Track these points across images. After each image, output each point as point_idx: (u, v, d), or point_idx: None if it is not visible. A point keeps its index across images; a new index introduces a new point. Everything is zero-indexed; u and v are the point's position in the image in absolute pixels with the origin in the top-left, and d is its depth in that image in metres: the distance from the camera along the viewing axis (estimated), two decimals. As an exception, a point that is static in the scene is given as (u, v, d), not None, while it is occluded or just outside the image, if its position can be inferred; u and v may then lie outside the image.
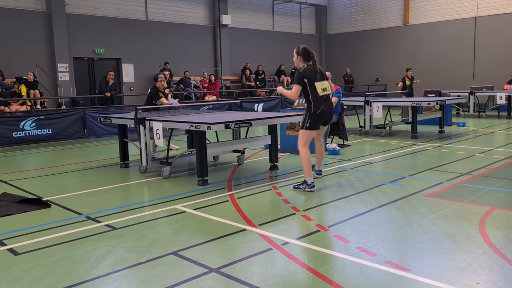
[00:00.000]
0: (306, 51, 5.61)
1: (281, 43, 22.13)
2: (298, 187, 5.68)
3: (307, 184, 5.61)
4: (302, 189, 5.63)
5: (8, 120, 11.11)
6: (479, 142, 9.53)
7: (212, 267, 3.41)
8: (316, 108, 5.59)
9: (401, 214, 4.63)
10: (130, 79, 17.17)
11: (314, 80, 5.57)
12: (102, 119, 8.05)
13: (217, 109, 13.68)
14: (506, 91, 14.76)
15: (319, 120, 5.67)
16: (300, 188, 5.65)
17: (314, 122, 5.63)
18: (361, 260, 3.46)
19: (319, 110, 5.59)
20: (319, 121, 5.68)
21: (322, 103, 5.61)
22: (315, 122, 5.64)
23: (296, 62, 5.69)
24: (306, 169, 5.61)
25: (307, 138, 5.68)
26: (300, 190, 5.63)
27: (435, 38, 20.21)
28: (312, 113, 5.60)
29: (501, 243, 3.74)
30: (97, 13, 16.12)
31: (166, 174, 6.67)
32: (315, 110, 5.59)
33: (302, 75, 5.55)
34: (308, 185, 5.60)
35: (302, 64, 5.62)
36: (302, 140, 5.66)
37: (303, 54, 5.61)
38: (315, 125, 5.65)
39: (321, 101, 5.60)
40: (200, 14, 19.29)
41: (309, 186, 5.59)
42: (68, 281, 3.24)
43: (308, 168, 5.60)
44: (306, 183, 5.62)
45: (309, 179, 5.60)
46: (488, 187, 5.60)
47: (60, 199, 5.61)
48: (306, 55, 5.60)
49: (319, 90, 5.58)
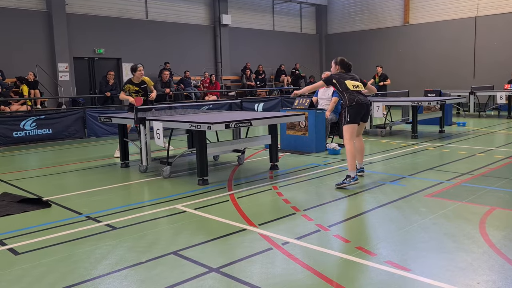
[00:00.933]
0: (344, 62, 5.93)
1: (282, 43, 22.14)
2: (343, 183, 5.69)
3: (351, 178, 5.67)
4: (347, 183, 5.67)
5: (8, 119, 11.11)
6: (480, 142, 9.53)
7: (212, 266, 3.41)
8: (351, 101, 5.74)
9: (401, 213, 4.63)
10: (130, 79, 17.14)
11: (344, 79, 5.80)
12: (102, 119, 8.05)
13: (217, 109, 13.68)
14: (506, 91, 14.76)
15: (357, 112, 5.77)
16: (345, 183, 5.68)
17: (354, 115, 5.76)
18: (361, 260, 3.46)
19: (354, 102, 5.73)
20: (358, 112, 5.78)
21: (355, 95, 5.76)
22: (355, 115, 5.76)
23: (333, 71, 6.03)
24: (350, 163, 5.71)
25: (351, 132, 5.80)
26: (345, 185, 5.66)
27: (435, 37, 20.20)
28: (349, 106, 5.75)
29: (501, 242, 3.74)
30: (97, 13, 16.12)
31: (166, 174, 6.67)
32: (351, 103, 5.73)
33: (331, 77, 5.88)
34: (352, 178, 5.67)
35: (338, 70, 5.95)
36: (347, 135, 5.80)
37: (340, 64, 5.92)
38: (355, 118, 5.78)
39: (354, 93, 5.76)
40: (200, 14, 19.29)
41: (353, 179, 5.68)
42: (69, 280, 3.24)
43: (352, 162, 5.70)
44: (350, 177, 5.68)
45: (352, 173, 5.68)
46: (489, 187, 5.60)
47: (60, 199, 5.61)
48: (344, 66, 5.91)
49: (350, 86, 5.77)
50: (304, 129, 8.64)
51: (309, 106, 8.69)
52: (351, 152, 5.73)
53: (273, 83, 20.78)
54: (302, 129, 8.67)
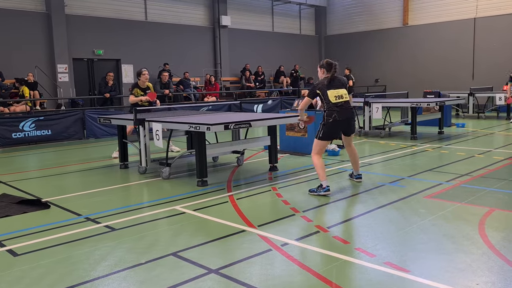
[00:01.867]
0: (328, 62, 5.74)
1: (281, 44, 22.15)
2: (314, 191, 5.60)
3: (322, 188, 5.55)
4: (317, 192, 5.55)
5: (7, 121, 11.11)
6: (479, 143, 9.54)
7: (211, 268, 3.41)
8: (328, 117, 5.57)
9: (401, 215, 4.63)
10: (130, 80, 17.16)
11: (327, 89, 5.59)
12: (101, 120, 8.05)
13: (216, 110, 13.69)
14: (505, 92, 14.77)
15: (333, 129, 5.62)
16: (315, 191, 5.57)
17: (327, 132, 5.59)
18: (361, 261, 3.46)
19: (331, 119, 5.56)
20: (333, 130, 5.64)
21: (334, 111, 5.56)
22: (329, 131, 5.60)
23: (319, 75, 5.80)
24: (320, 174, 5.59)
25: (320, 148, 5.66)
26: (315, 194, 5.54)
27: (435, 39, 20.23)
28: (325, 122, 5.59)
29: (501, 244, 3.74)
30: (96, 14, 16.13)
31: (165, 175, 6.67)
32: (328, 119, 5.57)
33: (314, 88, 5.69)
34: (323, 188, 5.52)
35: (325, 75, 5.70)
36: (315, 149, 5.66)
37: (326, 66, 5.71)
38: (328, 135, 5.62)
39: (333, 109, 5.56)
40: (199, 15, 19.30)
41: (324, 190, 5.51)
42: (68, 282, 3.24)
43: (321, 173, 5.56)
44: (321, 186, 5.57)
45: (324, 183, 5.55)
46: (488, 188, 5.61)
47: (59, 200, 5.61)
48: (328, 66, 5.69)
49: (331, 98, 5.57)
50: (303, 130, 8.64)
51: (308, 107, 8.69)
52: (319, 164, 5.57)
53: (272, 84, 20.79)
54: (302, 131, 8.68)
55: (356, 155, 6.08)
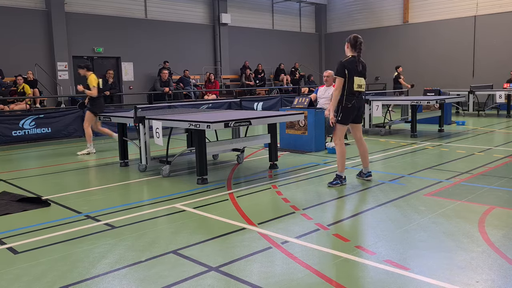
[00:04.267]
0: (355, 38, 5.68)
1: (281, 42, 22.14)
2: (336, 183, 5.70)
3: (342, 179, 5.70)
4: (340, 183, 5.71)
5: (7, 119, 11.10)
6: (479, 141, 9.54)
7: (211, 265, 3.41)
8: (347, 102, 5.61)
9: (401, 213, 4.63)
10: (130, 78, 17.17)
11: (354, 74, 5.60)
12: (101, 118, 8.04)
13: (216, 108, 13.68)
14: (506, 90, 14.77)
15: (350, 114, 5.69)
16: (339, 183, 5.71)
17: (346, 115, 5.67)
18: (361, 259, 3.46)
19: (350, 104, 5.62)
20: (350, 115, 5.70)
21: (354, 98, 5.64)
22: (348, 115, 5.68)
23: (346, 50, 5.76)
24: (339, 163, 5.70)
25: (342, 133, 5.75)
26: (338, 186, 5.68)
27: (435, 37, 20.21)
28: (344, 106, 5.62)
29: (501, 241, 3.74)
30: (96, 12, 16.12)
31: (165, 173, 6.67)
32: (346, 104, 5.62)
33: (344, 66, 5.59)
34: (344, 179, 5.73)
35: (350, 52, 5.67)
36: (337, 135, 5.74)
37: (351, 41, 5.66)
38: (347, 119, 5.70)
39: (353, 96, 5.63)
40: (199, 13, 19.28)
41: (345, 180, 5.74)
42: (68, 279, 3.24)
43: (341, 162, 5.68)
44: (341, 177, 5.70)
45: (343, 174, 5.69)
46: (488, 186, 5.61)
47: (59, 198, 5.61)
48: (353, 41, 5.65)
49: (355, 85, 5.61)
50: (303, 128, 8.64)
51: (308, 105, 8.70)
52: (342, 153, 5.69)
53: (273, 82, 20.78)
54: (302, 128, 8.67)
55: (366, 149, 6.08)
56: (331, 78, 9.28)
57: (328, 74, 9.31)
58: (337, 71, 5.64)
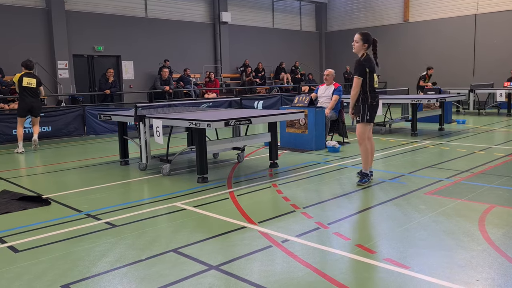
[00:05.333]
0: (367, 33, 5.68)
1: (281, 41, 22.13)
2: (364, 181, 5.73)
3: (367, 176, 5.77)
4: (368, 181, 5.74)
5: (7, 117, 11.10)
6: (479, 140, 9.54)
7: (212, 264, 3.41)
8: (372, 100, 5.60)
9: (401, 211, 4.63)
10: (130, 76, 17.17)
11: (374, 71, 5.59)
12: (101, 117, 8.04)
13: (217, 107, 13.68)
14: (506, 89, 14.76)
15: (375, 111, 5.69)
16: (367, 181, 5.74)
17: (373, 114, 5.66)
18: (361, 258, 3.46)
19: (375, 102, 5.62)
20: (375, 112, 5.70)
21: (377, 95, 5.68)
22: (374, 114, 5.67)
23: (356, 47, 5.65)
24: (364, 161, 5.75)
25: (369, 131, 5.74)
26: (366, 184, 5.71)
27: (435, 35, 20.20)
28: (369, 104, 5.60)
29: (501, 240, 3.74)
30: (96, 10, 16.11)
31: (166, 172, 6.67)
32: (372, 102, 5.59)
33: (364, 65, 5.55)
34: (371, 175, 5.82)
35: (363, 50, 5.61)
36: (363, 135, 5.68)
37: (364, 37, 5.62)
38: (373, 116, 5.69)
39: (376, 93, 5.65)
40: (200, 11, 19.27)
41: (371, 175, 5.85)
42: (68, 278, 3.25)
43: (365, 160, 5.72)
44: (367, 175, 5.76)
45: (366, 171, 5.75)
46: (488, 185, 5.61)
47: (60, 197, 5.61)
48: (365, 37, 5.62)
49: (375, 83, 5.64)
50: (303, 127, 8.64)
51: (308, 104, 8.69)
52: (365, 151, 5.69)
53: (273, 80, 20.78)
54: (302, 127, 8.67)
55: (373, 149, 6.05)
56: (331, 77, 9.28)
57: (328, 73, 9.30)
58: (357, 71, 5.56)
